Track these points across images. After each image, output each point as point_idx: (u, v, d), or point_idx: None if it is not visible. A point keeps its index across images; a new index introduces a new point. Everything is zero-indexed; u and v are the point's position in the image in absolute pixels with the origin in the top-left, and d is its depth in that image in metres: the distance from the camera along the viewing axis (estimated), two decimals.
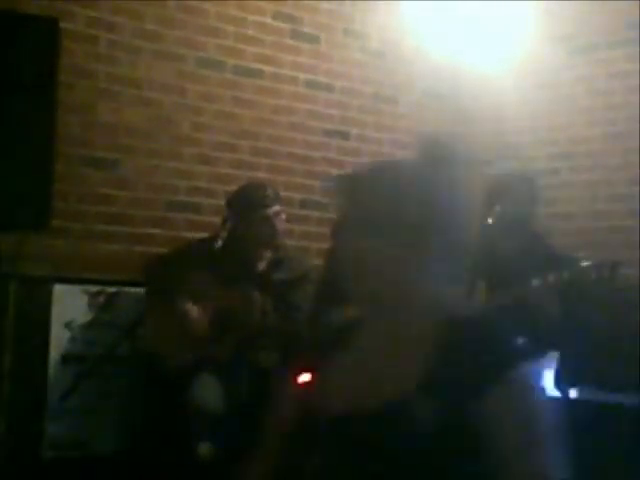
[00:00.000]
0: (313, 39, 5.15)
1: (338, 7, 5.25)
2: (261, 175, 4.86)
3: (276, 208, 4.10)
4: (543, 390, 2.70)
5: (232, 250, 3.95)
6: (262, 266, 4.10)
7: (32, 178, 3.66)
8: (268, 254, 4.12)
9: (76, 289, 4.17)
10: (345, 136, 5.29)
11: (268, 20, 4.98)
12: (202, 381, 3.83)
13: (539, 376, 2.92)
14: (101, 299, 4.21)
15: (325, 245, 4.85)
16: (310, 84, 5.14)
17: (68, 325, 4.13)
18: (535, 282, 3.61)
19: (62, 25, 3.86)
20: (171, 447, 3.80)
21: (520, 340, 3.15)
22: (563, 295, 3.59)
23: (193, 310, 3.97)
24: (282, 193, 4.71)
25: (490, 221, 3.71)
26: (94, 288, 4.21)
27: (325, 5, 5.20)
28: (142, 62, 4.53)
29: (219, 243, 3.88)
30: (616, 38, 4.97)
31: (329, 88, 5.22)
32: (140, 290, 4.15)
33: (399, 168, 1.78)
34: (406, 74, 5.51)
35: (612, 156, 4.94)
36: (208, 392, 3.80)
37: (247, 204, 4.06)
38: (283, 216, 4.17)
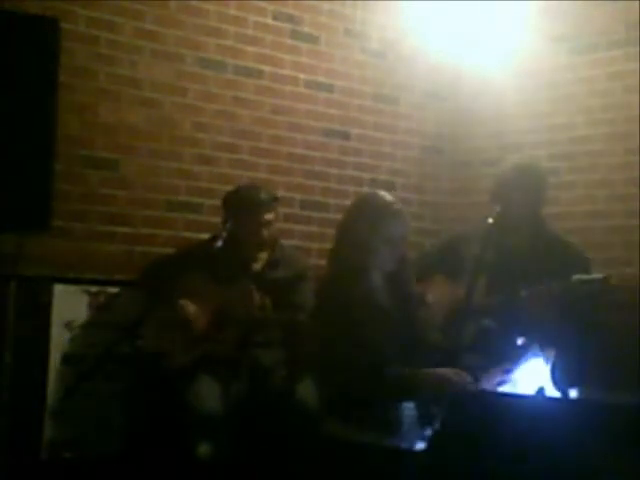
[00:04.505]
0: (313, 39, 5.15)
1: (338, 7, 5.25)
2: (261, 175, 4.87)
3: (267, 216, 4.07)
4: (542, 390, 2.71)
5: (229, 250, 3.96)
6: (258, 266, 4.10)
7: (32, 178, 3.66)
8: (264, 255, 4.12)
9: (76, 289, 4.17)
10: (345, 136, 5.29)
11: (268, 20, 4.98)
12: (201, 381, 3.83)
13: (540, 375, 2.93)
14: (101, 299, 4.21)
15: (326, 245, 4.86)
16: (310, 84, 5.14)
17: (68, 325, 4.13)
18: (523, 293, 3.66)
19: (62, 25, 3.85)
20: (171, 447, 3.80)
21: (517, 340, 3.17)
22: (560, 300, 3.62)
23: (191, 307, 3.97)
24: (282, 194, 4.74)
25: (490, 220, 3.71)
26: (94, 288, 4.21)
27: (325, 5, 5.20)
28: (142, 62, 4.53)
29: (219, 243, 3.89)
30: (616, 38, 4.97)
31: (329, 88, 5.22)
32: (140, 290, 4.15)
33: None
34: (406, 74, 5.51)
35: (612, 156, 4.94)
36: (207, 392, 3.80)
37: (239, 207, 4.07)
38: (273, 224, 4.14)
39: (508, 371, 3.02)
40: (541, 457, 2.45)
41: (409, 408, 2.95)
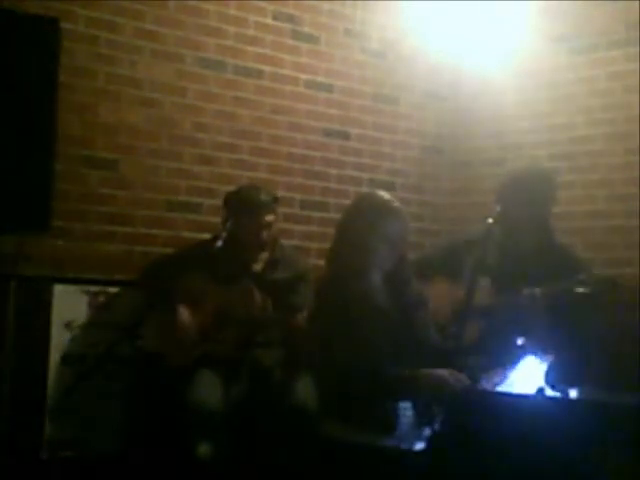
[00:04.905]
0: (313, 39, 5.15)
1: (338, 7, 5.25)
2: (261, 175, 4.87)
3: (268, 218, 4.07)
4: (542, 390, 2.71)
5: (229, 250, 3.96)
6: (258, 267, 4.10)
7: (32, 178, 3.66)
8: (264, 255, 4.12)
9: (76, 289, 4.17)
10: (345, 136, 5.29)
11: (268, 20, 4.98)
12: (202, 379, 3.83)
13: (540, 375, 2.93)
14: (101, 299, 4.21)
15: (326, 245, 4.86)
16: (310, 84, 5.14)
17: (68, 325, 4.13)
18: (526, 291, 3.68)
19: (62, 25, 3.86)
20: (171, 447, 3.80)
21: (517, 340, 3.18)
22: (559, 301, 3.64)
23: (184, 315, 3.95)
24: (282, 194, 4.74)
25: (490, 220, 3.71)
26: (94, 288, 4.21)
27: (325, 5, 5.20)
28: (142, 62, 4.53)
29: (219, 243, 3.89)
30: (616, 38, 4.97)
31: (329, 88, 5.22)
32: (140, 290, 4.16)
33: None
34: (406, 74, 5.51)
35: (612, 156, 4.94)
36: (208, 390, 3.80)
37: (239, 208, 4.07)
38: (273, 225, 4.14)
39: (508, 371, 3.02)
40: (541, 457, 2.45)
41: (407, 408, 2.95)
